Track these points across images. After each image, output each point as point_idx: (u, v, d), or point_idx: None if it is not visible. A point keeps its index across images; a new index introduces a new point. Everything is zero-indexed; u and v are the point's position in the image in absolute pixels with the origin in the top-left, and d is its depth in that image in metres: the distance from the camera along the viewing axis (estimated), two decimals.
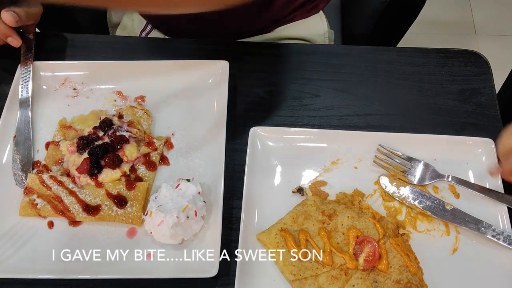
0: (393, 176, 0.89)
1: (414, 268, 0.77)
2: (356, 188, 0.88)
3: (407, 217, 0.85)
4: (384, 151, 0.90)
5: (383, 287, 0.76)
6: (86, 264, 0.81)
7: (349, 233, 0.81)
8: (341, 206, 0.85)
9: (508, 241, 0.80)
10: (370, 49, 1.08)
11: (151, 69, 1.02)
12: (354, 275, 0.77)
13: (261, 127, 0.92)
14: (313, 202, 0.85)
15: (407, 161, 0.89)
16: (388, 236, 0.81)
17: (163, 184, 0.84)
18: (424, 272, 0.79)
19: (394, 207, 0.87)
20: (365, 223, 0.82)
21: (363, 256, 0.78)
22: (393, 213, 0.86)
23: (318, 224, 0.83)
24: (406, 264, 0.77)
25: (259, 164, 0.89)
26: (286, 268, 0.78)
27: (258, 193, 0.86)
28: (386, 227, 0.83)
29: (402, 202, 0.86)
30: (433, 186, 0.88)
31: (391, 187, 0.88)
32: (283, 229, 0.82)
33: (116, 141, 0.89)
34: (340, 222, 0.83)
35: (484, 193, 0.85)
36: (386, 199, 0.87)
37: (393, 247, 0.79)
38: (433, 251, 0.81)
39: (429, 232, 0.84)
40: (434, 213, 0.84)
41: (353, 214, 0.83)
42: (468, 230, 0.82)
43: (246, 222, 0.82)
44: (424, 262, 0.80)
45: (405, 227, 0.84)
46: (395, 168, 0.89)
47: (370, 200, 0.87)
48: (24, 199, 0.86)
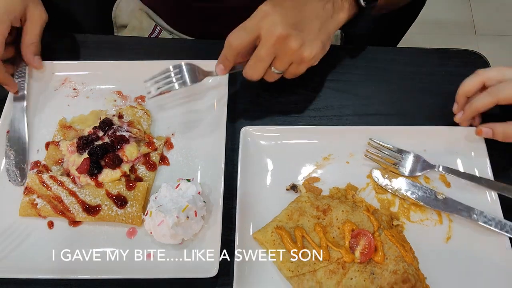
0: (384, 169, 0.90)
1: (409, 258, 0.78)
2: (349, 182, 0.89)
3: (401, 208, 0.87)
4: (375, 145, 0.91)
5: (380, 278, 0.77)
6: (86, 264, 0.81)
7: (344, 227, 0.82)
8: (335, 201, 0.85)
9: (499, 226, 0.81)
10: (370, 49, 1.09)
11: (151, 69, 1.01)
12: (351, 268, 0.78)
13: (252, 126, 0.92)
14: (307, 199, 0.86)
15: (398, 154, 0.90)
16: (382, 228, 0.82)
17: (163, 184, 0.84)
18: (419, 262, 0.80)
19: (387, 199, 0.88)
20: (359, 216, 0.83)
21: (359, 249, 0.79)
22: (386, 205, 0.87)
23: (313, 220, 0.83)
24: (402, 255, 0.78)
25: (252, 164, 0.89)
26: (284, 265, 0.78)
27: (252, 192, 0.87)
28: (381, 219, 0.83)
29: (395, 194, 0.88)
30: (425, 177, 0.90)
31: (383, 180, 0.89)
32: (279, 227, 0.82)
33: (116, 141, 0.89)
34: (335, 217, 0.83)
35: (474, 181, 0.86)
36: (379, 191, 0.88)
37: (388, 238, 0.80)
38: (427, 241, 0.83)
39: (423, 222, 0.85)
40: (426, 203, 0.85)
41: (347, 208, 0.84)
42: (461, 218, 0.83)
43: (241, 222, 0.82)
44: (419, 251, 0.81)
45: (399, 218, 0.85)
46: (386, 161, 0.90)
47: (363, 193, 0.88)
48: (24, 199, 0.86)
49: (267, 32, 0.83)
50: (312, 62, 0.89)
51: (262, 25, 0.84)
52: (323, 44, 0.88)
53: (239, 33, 0.86)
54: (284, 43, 0.83)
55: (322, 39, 0.88)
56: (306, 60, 0.87)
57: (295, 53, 0.85)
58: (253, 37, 0.85)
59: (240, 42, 0.85)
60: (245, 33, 0.85)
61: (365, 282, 0.76)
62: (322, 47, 0.88)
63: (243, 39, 0.85)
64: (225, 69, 0.91)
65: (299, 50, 0.84)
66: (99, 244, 0.83)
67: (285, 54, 0.85)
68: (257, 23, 0.85)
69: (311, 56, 0.86)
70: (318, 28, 0.87)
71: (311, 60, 0.88)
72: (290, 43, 0.83)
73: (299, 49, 0.84)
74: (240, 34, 0.86)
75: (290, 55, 0.86)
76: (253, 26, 0.85)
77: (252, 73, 0.89)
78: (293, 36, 0.83)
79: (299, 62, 0.88)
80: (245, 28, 0.85)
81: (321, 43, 0.87)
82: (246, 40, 0.85)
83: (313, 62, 0.89)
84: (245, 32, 0.85)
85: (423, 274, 0.78)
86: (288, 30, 0.83)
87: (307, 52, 0.85)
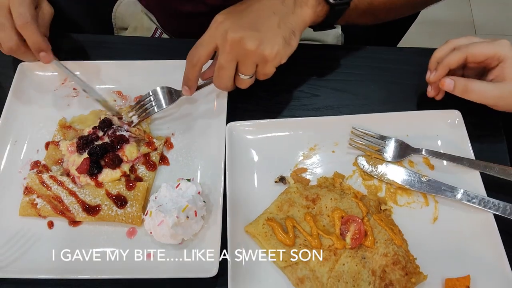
0: (369, 155, 0.91)
1: (399, 241, 0.79)
2: (336, 171, 0.91)
3: (387, 193, 0.88)
4: (358, 133, 0.93)
5: (372, 262, 0.78)
6: (86, 264, 0.81)
7: (333, 214, 0.83)
8: (324, 190, 0.86)
9: (483, 203, 0.83)
10: (370, 49, 1.09)
11: (151, 69, 1.02)
12: (343, 254, 0.79)
13: (238, 122, 0.93)
14: (296, 189, 0.87)
15: (381, 140, 0.92)
16: (371, 213, 0.83)
17: (163, 184, 0.84)
18: (408, 243, 0.82)
19: (374, 185, 0.89)
20: (348, 203, 0.84)
21: (349, 235, 0.80)
22: (373, 191, 0.89)
23: (303, 210, 0.84)
24: (391, 238, 0.80)
25: (239, 159, 0.90)
26: (277, 256, 0.79)
27: (241, 187, 0.87)
28: (369, 204, 0.85)
29: (381, 179, 0.89)
30: (409, 161, 0.91)
31: (368, 166, 0.90)
32: (270, 219, 0.83)
33: (116, 141, 0.89)
34: (324, 205, 0.84)
35: (457, 161, 0.89)
36: (365, 178, 0.90)
37: (377, 223, 0.82)
38: (415, 223, 0.85)
39: (410, 205, 0.87)
40: (412, 186, 0.87)
41: (335, 196, 0.85)
42: (446, 198, 0.86)
43: (232, 217, 0.83)
44: (408, 233, 0.83)
45: (387, 203, 0.87)
46: (370, 148, 0.92)
47: (351, 180, 0.90)
48: (24, 199, 0.86)
49: (221, 40, 0.83)
50: (277, 59, 0.86)
51: (216, 34, 0.84)
52: (284, 40, 0.85)
53: (196, 50, 0.86)
54: (240, 46, 0.82)
55: (284, 35, 0.85)
56: (269, 58, 0.84)
57: (254, 53, 0.83)
58: (210, 49, 0.85)
59: (198, 58, 0.86)
60: (202, 48, 0.85)
61: (357, 267, 0.78)
62: (284, 43, 0.85)
63: (201, 54, 0.85)
64: (190, 90, 0.91)
65: (257, 50, 0.82)
66: (99, 244, 0.83)
67: (245, 56, 0.84)
68: (211, 35, 0.85)
69: (273, 53, 0.83)
70: (277, 25, 0.85)
71: (275, 57, 0.84)
72: (246, 45, 0.81)
73: (257, 49, 0.82)
74: (197, 51, 0.86)
75: (251, 57, 0.84)
76: (208, 38, 0.85)
77: (219, 83, 0.89)
78: (247, 37, 0.81)
79: (263, 62, 0.85)
80: (202, 43, 0.86)
81: (281, 39, 0.84)
82: (204, 54, 0.85)
83: (279, 59, 0.86)
84: (202, 47, 0.85)
85: (412, 255, 0.79)
86: (240, 33, 0.81)
87: (267, 51, 0.83)
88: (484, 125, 0.96)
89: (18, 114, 0.97)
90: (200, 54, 0.86)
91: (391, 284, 0.76)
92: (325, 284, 0.77)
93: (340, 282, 0.77)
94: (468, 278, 0.77)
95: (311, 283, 0.77)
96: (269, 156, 0.92)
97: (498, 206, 0.82)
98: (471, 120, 0.93)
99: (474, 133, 0.92)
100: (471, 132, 0.91)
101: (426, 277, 0.77)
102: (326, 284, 0.77)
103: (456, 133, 0.92)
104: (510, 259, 0.78)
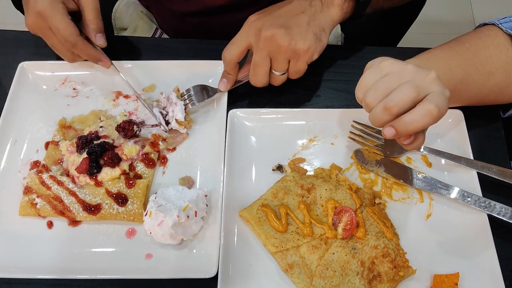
0: (367, 150, 0.92)
1: (390, 234, 0.80)
2: (333, 163, 0.91)
3: (383, 187, 0.89)
4: (358, 127, 0.94)
5: (361, 253, 0.79)
6: (86, 264, 0.81)
7: (327, 204, 0.84)
8: (319, 180, 0.87)
9: (478, 203, 0.83)
10: (370, 49, 1.08)
11: (151, 69, 1.02)
12: (333, 244, 0.80)
13: (239, 109, 0.95)
14: (292, 178, 0.88)
15: (380, 135, 0.91)
16: (364, 205, 0.84)
17: (164, 188, 0.84)
18: (400, 238, 0.83)
19: (370, 179, 0.90)
20: (342, 194, 0.85)
21: (341, 226, 0.81)
22: (369, 185, 0.89)
23: (297, 198, 0.85)
24: (383, 231, 0.80)
25: (239, 145, 0.91)
26: (268, 241, 0.80)
27: (239, 173, 0.89)
28: (363, 197, 0.85)
29: (377, 173, 0.90)
30: (407, 157, 0.92)
31: (366, 160, 0.91)
32: (264, 205, 0.84)
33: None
34: (318, 195, 0.85)
35: (454, 160, 0.89)
36: (362, 171, 0.91)
37: (370, 215, 0.82)
38: (408, 218, 0.85)
39: (404, 200, 0.88)
40: (407, 182, 0.88)
41: (330, 187, 0.86)
42: (441, 196, 0.86)
43: (227, 201, 0.84)
44: (401, 228, 0.84)
45: (381, 197, 0.88)
46: (369, 143, 0.92)
47: (347, 173, 0.91)
48: (24, 198, 0.86)
49: (254, 38, 0.88)
50: (309, 54, 0.89)
51: (249, 33, 0.88)
52: (315, 36, 0.88)
53: (230, 47, 0.91)
54: (272, 42, 0.86)
55: (314, 31, 0.88)
56: (301, 52, 0.87)
57: (287, 48, 0.86)
58: (242, 48, 0.90)
59: (233, 56, 0.91)
60: (235, 46, 0.90)
61: (346, 257, 0.79)
62: (315, 38, 0.88)
63: (235, 52, 0.90)
64: (228, 83, 0.95)
65: (290, 45, 0.86)
66: (98, 244, 0.84)
67: (278, 52, 0.87)
68: (244, 34, 0.90)
69: (305, 47, 0.87)
70: (307, 22, 0.89)
71: (307, 52, 0.88)
72: (279, 41, 0.85)
73: (289, 44, 0.86)
74: (231, 48, 0.91)
75: (284, 52, 0.87)
76: (241, 37, 0.90)
77: (255, 80, 0.93)
78: (279, 34, 0.85)
79: (296, 58, 0.89)
80: (235, 42, 0.91)
81: (312, 34, 0.88)
82: (237, 52, 0.90)
83: (310, 54, 0.89)
84: (235, 45, 0.90)
85: (403, 249, 0.80)
86: (272, 30, 0.85)
87: (299, 44, 0.86)
88: (484, 126, 0.96)
89: (18, 114, 0.97)
90: (234, 51, 0.90)
91: (379, 275, 0.76)
92: (313, 271, 0.78)
93: (328, 270, 0.78)
94: (457, 275, 0.77)
95: (300, 270, 0.78)
96: (269, 144, 0.93)
97: (493, 207, 0.82)
98: (472, 120, 0.93)
99: (474, 134, 0.92)
100: (471, 133, 0.91)
101: (414, 272, 0.78)
102: (315, 272, 0.78)
103: (456, 132, 0.92)
104: (500, 261, 0.78)
